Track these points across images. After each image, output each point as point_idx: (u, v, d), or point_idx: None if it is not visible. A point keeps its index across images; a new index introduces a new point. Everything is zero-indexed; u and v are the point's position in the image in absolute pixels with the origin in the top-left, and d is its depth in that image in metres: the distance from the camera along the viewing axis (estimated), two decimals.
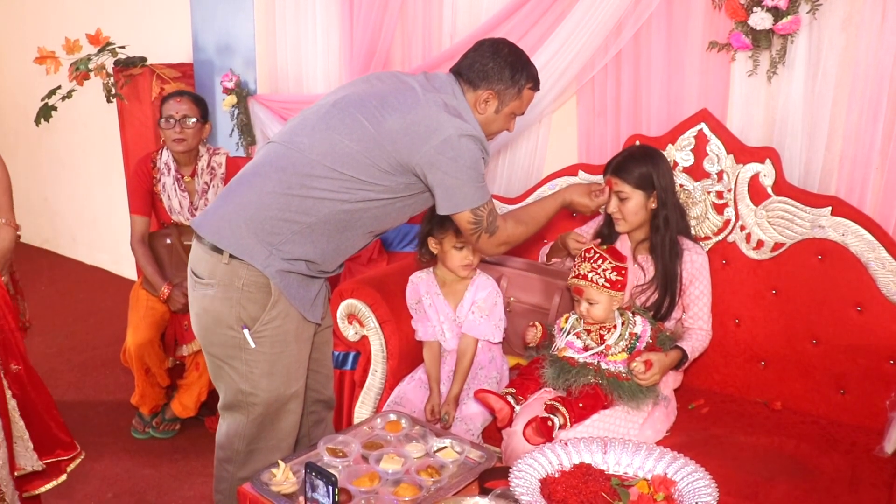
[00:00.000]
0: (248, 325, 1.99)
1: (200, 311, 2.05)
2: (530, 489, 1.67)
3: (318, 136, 1.99)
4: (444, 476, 1.85)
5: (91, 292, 5.13)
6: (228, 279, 1.98)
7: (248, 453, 2.10)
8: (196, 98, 3.20)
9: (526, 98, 2.17)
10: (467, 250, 2.53)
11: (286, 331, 2.04)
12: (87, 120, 5.15)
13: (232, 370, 2.05)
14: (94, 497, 2.85)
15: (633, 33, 2.75)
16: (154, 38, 4.44)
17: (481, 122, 2.10)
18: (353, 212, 2.01)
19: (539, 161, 3.14)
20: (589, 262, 2.28)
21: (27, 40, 5.15)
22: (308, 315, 2.08)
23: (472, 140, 1.99)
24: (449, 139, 1.95)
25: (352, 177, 1.97)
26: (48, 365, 3.95)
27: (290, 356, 2.07)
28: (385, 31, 3.36)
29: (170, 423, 3.32)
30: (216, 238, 2.00)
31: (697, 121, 2.63)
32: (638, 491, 1.69)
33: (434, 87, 2.06)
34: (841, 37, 2.43)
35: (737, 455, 2.16)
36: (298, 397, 2.14)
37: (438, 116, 1.97)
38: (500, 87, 2.09)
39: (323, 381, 2.38)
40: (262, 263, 1.97)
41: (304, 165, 1.98)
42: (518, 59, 2.12)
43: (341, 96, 2.07)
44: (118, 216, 4.96)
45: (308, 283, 2.08)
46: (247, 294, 1.98)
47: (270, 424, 2.09)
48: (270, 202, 1.97)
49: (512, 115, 2.17)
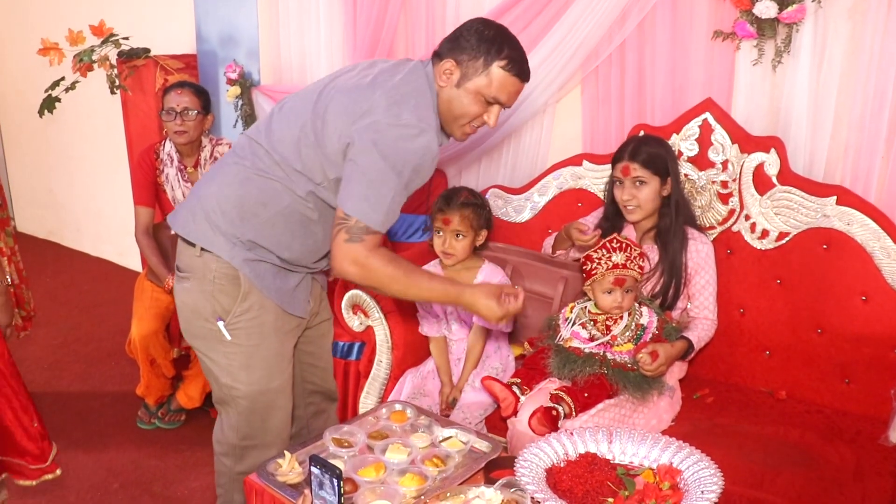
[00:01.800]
0: (222, 317, 1.98)
1: (181, 304, 2.05)
2: (536, 478, 1.67)
3: (275, 130, 1.96)
4: (450, 466, 1.85)
5: (96, 283, 5.14)
6: (201, 272, 1.97)
7: (243, 448, 2.09)
8: (198, 89, 3.20)
9: (497, 78, 1.90)
10: (444, 237, 2.53)
11: (262, 323, 2.00)
12: (91, 111, 5.15)
13: (213, 363, 2.04)
14: (100, 487, 2.86)
15: (637, 22, 2.74)
16: (157, 29, 4.43)
17: (443, 100, 1.93)
18: (310, 208, 1.96)
19: (543, 150, 3.13)
20: (619, 251, 2.26)
21: (31, 32, 5.14)
22: (288, 308, 2.04)
23: (408, 129, 1.81)
24: (374, 125, 1.81)
25: (300, 172, 1.91)
26: (53, 356, 3.96)
27: (269, 349, 2.03)
28: (388, 21, 3.35)
29: (175, 414, 3.33)
30: (185, 231, 2.00)
31: (702, 110, 2.62)
32: (643, 480, 1.69)
33: (392, 72, 1.93)
34: (846, 25, 2.42)
35: (742, 444, 2.16)
36: (284, 392, 2.10)
37: (377, 101, 1.83)
38: (462, 56, 1.89)
39: (321, 374, 2.36)
40: (227, 254, 1.94)
41: (260, 158, 1.94)
42: (496, 36, 1.90)
43: (307, 88, 2.03)
44: (123, 207, 4.96)
45: (284, 274, 2.03)
46: (218, 286, 1.96)
47: (260, 420, 2.07)
48: (230, 194, 1.95)
49: (479, 95, 1.91)
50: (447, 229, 2.52)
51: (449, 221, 2.51)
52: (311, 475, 1.71)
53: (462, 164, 3.30)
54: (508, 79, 1.92)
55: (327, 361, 2.38)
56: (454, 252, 2.53)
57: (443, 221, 2.52)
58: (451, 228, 2.52)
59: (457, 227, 2.51)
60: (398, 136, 1.80)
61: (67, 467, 2.97)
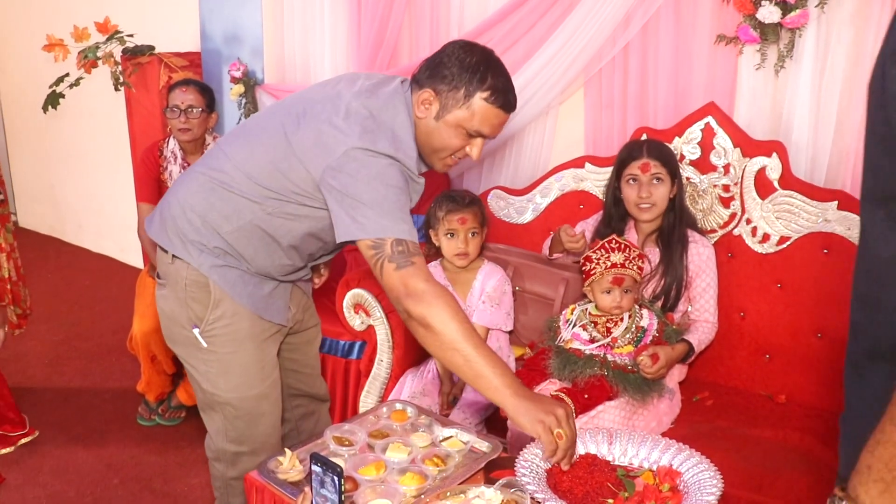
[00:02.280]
0: (196, 324, 1.94)
1: (160, 310, 2.03)
2: (536, 479, 1.68)
3: (241, 142, 1.89)
4: (450, 465, 1.86)
5: (97, 280, 5.15)
6: (174, 279, 1.94)
7: (234, 454, 2.06)
8: (202, 87, 3.21)
9: (479, 111, 1.77)
10: (458, 238, 2.53)
11: (237, 330, 1.95)
12: (95, 108, 5.16)
13: (193, 370, 2.02)
14: (100, 484, 2.87)
15: (641, 26, 2.75)
16: (162, 26, 4.44)
17: (422, 132, 1.83)
18: (273, 227, 1.89)
19: (546, 152, 3.14)
20: (618, 251, 2.27)
21: (35, 28, 5.15)
22: (264, 314, 1.99)
23: (384, 158, 1.72)
24: (351, 152, 1.70)
25: (266, 188, 1.84)
26: (54, 352, 3.97)
27: (246, 356, 1.99)
28: (393, 21, 3.36)
29: (175, 411, 3.34)
30: (157, 237, 1.96)
31: (704, 114, 2.63)
32: (643, 482, 1.70)
33: (370, 94, 1.81)
34: (849, 31, 2.43)
35: (741, 447, 2.17)
36: (268, 398, 2.05)
37: (350, 128, 1.73)
38: (442, 86, 1.77)
39: (306, 379, 2.31)
40: (196, 261, 1.89)
41: (227, 173, 1.87)
42: (479, 64, 1.77)
43: (278, 102, 1.97)
44: (125, 204, 4.97)
45: (257, 280, 1.97)
46: (190, 293, 1.92)
47: (246, 425, 2.03)
48: (194, 203, 1.90)
49: (460, 128, 1.79)
50: (463, 229, 2.53)
51: (465, 220, 2.53)
52: (312, 473, 1.71)
53: (464, 165, 3.31)
54: (492, 111, 1.79)
55: (313, 367, 2.33)
56: (470, 252, 2.55)
57: (459, 222, 2.53)
58: (467, 227, 2.53)
59: (472, 226, 2.54)
60: (375, 162, 1.72)
61: (67, 463, 2.98)
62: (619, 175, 2.52)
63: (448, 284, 2.62)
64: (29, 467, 2.95)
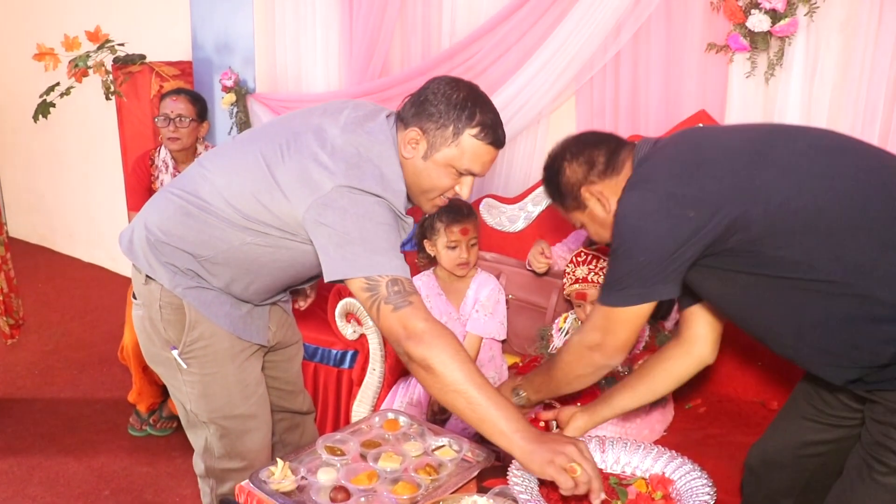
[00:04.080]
0: (174, 346, 1.89)
1: (137, 331, 1.97)
2: (529, 488, 1.67)
3: (221, 166, 1.82)
4: (443, 474, 1.85)
5: (88, 289, 5.13)
6: (149, 300, 1.88)
7: (222, 471, 2.03)
8: (193, 96, 3.20)
9: (469, 148, 1.71)
10: (460, 249, 2.54)
11: (215, 351, 1.90)
12: (86, 117, 5.15)
13: (175, 390, 1.97)
14: (91, 494, 2.85)
15: (632, 34, 2.76)
16: (153, 35, 4.44)
17: (409, 172, 1.75)
18: (256, 255, 1.81)
19: (538, 161, 3.14)
20: (584, 265, 2.28)
21: (26, 37, 5.14)
22: (243, 335, 1.94)
23: (372, 197, 1.65)
24: (338, 189, 1.63)
25: (246, 217, 1.75)
26: (45, 362, 3.94)
27: (227, 377, 1.93)
28: (384, 30, 3.37)
29: (167, 421, 3.32)
30: (129, 255, 1.90)
31: (695, 121, 2.63)
32: (636, 490, 1.70)
33: (356, 128, 1.74)
34: (838, 39, 2.45)
35: (734, 454, 2.16)
36: (255, 417, 2.01)
37: (336, 165, 1.66)
38: (429, 125, 1.70)
39: (287, 396, 2.25)
40: (169, 283, 1.83)
41: (202, 196, 1.79)
42: (467, 100, 1.71)
43: (259, 127, 1.92)
44: (116, 213, 4.96)
45: (234, 301, 1.92)
46: (165, 316, 1.87)
47: (234, 443, 1.99)
48: (169, 227, 1.82)
49: (450, 167, 1.73)
50: (465, 240, 2.54)
51: (467, 231, 2.55)
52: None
53: None
54: (482, 148, 1.72)
55: (295, 385, 2.28)
56: (470, 261, 2.57)
57: (461, 233, 2.54)
58: (468, 238, 2.55)
59: (473, 236, 2.56)
60: (362, 200, 1.65)
61: (57, 474, 2.96)
62: None
63: (441, 293, 2.62)
64: (18, 478, 2.93)
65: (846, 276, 1.45)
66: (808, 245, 1.47)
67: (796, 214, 1.47)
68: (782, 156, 1.55)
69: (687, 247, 1.54)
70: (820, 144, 1.58)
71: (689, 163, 1.60)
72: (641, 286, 1.61)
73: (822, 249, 1.47)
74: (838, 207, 1.47)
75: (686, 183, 1.56)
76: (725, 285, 1.62)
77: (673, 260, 1.56)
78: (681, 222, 1.53)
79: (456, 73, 3.08)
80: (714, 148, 1.62)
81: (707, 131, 1.75)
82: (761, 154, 1.56)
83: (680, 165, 1.61)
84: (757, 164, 1.54)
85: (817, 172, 1.51)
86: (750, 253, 1.52)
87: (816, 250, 1.47)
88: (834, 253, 1.46)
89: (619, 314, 1.67)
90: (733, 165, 1.55)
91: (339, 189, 1.64)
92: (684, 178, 1.57)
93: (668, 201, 1.56)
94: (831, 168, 1.52)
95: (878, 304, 1.44)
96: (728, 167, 1.55)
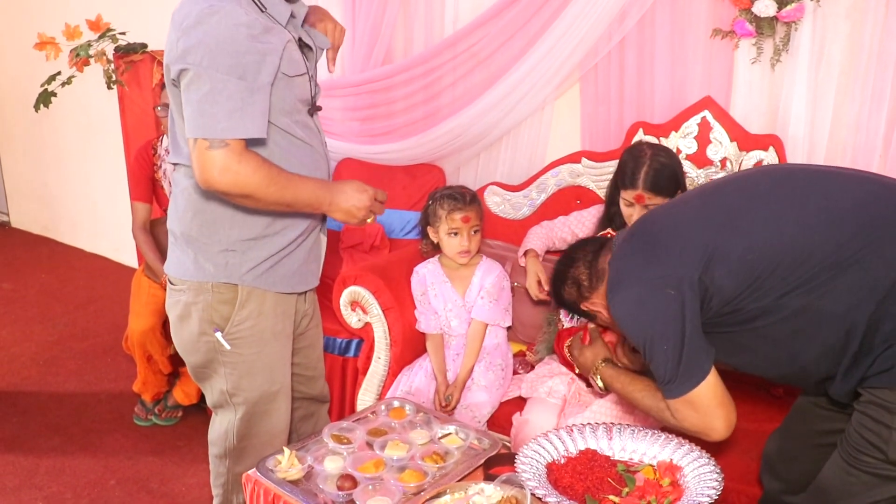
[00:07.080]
0: (220, 327, 1.90)
1: (176, 319, 1.97)
2: (536, 475, 1.68)
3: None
4: (449, 462, 1.85)
5: (92, 280, 5.13)
6: (195, 285, 1.90)
7: (241, 449, 2.04)
8: None
9: None
10: (462, 236, 2.53)
11: (262, 329, 1.94)
12: (88, 106, 5.13)
13: (212, 372, 1.98)
14: (97, 484, 2.86)
15: (636, 20, 2.74)
16: (155, 24, 4.39)
17: None
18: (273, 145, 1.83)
19: (542, 147, 3.13)
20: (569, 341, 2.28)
21: (27, 26, 5.12)
22: (301, 286, 2.00)
23: (229, 17, 1.67)
24: (200, 14, 1.70)
25: None
26: (49, 353, 3.95)
27: (271, 354, 1.98)
28: (387, 19, 3.34)
29: (172, 411, 3.32)
30: (178, 272, 1.96)
31: (701, 108, 2.63)
32: (644, 476, 1.70)
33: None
34: (845, 24, 2.43)
35: (740, 441, 2.16)
36: (285, 393, 2.05)
37: None
38: None
39: (308, 382, 2.27)
40: (224, 275, 1.88)
41: (184, 151, 1.85)
42: None
43: None
44: (119, 203, 4.95)
45: (288, 252, 1.93)
46: (217, 295, 1.89)
47: (260, 421, 2.02)
48: (200, 205, 1.88)
49: None
50: (466, 227, 2.54)
51: (469, 219, 2.55)
52: None
53: (460, 160, 3.30)
54: None
55: (315, 370, 2.29)
56: (472, 249, 2.57)
57: (463, 220, 2.54)
58: (470, 225, 2.55)
59: (475, 223, 2.56)
60: (204, 29, 1.69)
61: (63, 464, 2.97)
62: (618, 184, 2.44)
63: (447, 280, 2.62)
64: (25, 469, 2.93)
65: (827, 307, 1.54)
66: (778, 289, 1.56)
67: (756, 264, 1.57)
68: (730, 213, 1.66)
69: (688, 321, 1.62)
70: (762, 192, 1.68)
71: (647, 247, 1.72)
72: (686, 365, 1.66)
73: (791, 289, 1.56)
74: (789, 250, 1.56)
75: (653, 265, 1.67)
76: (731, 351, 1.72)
77: (689, 331, 1.63)
78: (667, 300, 1.62)
79: (459, 60, 3.08)
80: (665, 227, 1.73)
81: (656, 212, 1.87)
82: (709, 218, 1.67)
83: (641, 254, 1.73)
84: (708, 228, 1.65)
85: (762, 221, 1.60)
86: (736, 311, 1.61)
87: (786, 292, 1.56)
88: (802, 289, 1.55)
89: (694, 399, 1.69)
90: (689, 234, 1.66)
91: (200, 15, 1.74)
92: (651, 262, 1.68)
93: (646, 287, 1.66)
94: (773, 214, 1.61)
95: None
96: (683, 237, 1.66)
